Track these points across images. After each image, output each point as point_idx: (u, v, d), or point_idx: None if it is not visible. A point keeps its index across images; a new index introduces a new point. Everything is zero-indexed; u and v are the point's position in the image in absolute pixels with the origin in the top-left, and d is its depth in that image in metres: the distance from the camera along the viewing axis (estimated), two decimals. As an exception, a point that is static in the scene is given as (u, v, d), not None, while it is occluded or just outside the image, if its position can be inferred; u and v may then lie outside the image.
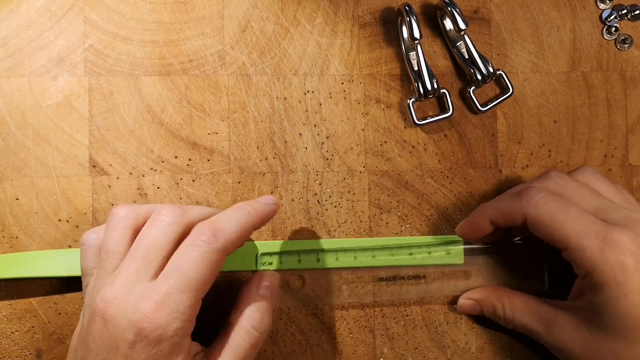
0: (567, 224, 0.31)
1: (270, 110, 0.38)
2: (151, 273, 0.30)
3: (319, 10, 0.39)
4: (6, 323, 0.36)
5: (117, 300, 0.29)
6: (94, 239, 0.33)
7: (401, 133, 0.39)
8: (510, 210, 0.33)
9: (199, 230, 0.30)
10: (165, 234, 0.30)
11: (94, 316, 0.29)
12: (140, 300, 0.28)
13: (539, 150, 0.39)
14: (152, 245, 0.30)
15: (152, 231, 0.30)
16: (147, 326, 0.28)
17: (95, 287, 0.31)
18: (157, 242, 0.30)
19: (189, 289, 0.29)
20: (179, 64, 0.38)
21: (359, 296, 0.38)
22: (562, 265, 0.36)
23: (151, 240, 0.30)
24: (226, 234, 0.30)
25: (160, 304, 0.28)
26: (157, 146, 0.38)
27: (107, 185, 0.37)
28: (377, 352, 0.38)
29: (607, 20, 0.40)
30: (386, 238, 0.38)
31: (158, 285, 0.29)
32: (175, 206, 0.31)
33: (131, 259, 0.30)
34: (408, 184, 0.39)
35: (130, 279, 0.29)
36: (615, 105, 0.40)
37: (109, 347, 0.28)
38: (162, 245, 0.30)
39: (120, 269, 0.30)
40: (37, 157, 0.37)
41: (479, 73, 0.38)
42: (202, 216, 0.32)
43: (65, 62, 0.37)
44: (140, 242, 0.30)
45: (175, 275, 0.29)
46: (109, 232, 0.31)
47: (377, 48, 0.39)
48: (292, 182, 0.38)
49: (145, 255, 0.30)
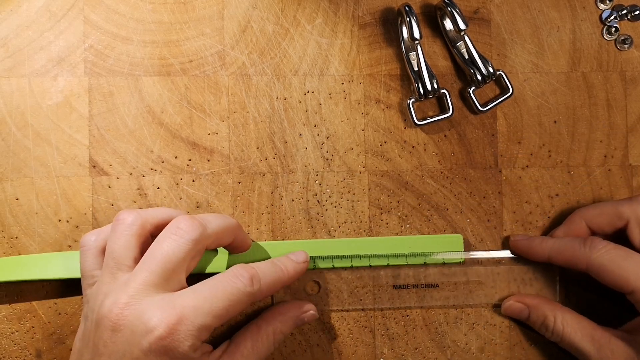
0: (629, 268, 0.32)
1: (270, 111, 0.38)
2: (169, 288, 0.30)
3: (319, 10, 0.39)
4: (6, 323, 0.36)
5: (132, 307, 0.29)
6: (94, 240, 0.33)
7: (401, 133, 0.39)
8: (573, 257, 0.34)
9: (238, 273, 0.31)
10: (186, 251, 0.30)
11: (103, 321, 0.29)
12: (161, 311, 0.28)
13: (539, 150, 0.39)
14: (170, 261, 0.30)
15: (172, 246, 0.30)
16: (166, 336, 0.28)
17: (100, 291, 0.30)
18: (176, 258, 0.30)
19: (212, 315, 0.29)
20: (179, 64, 0.38)
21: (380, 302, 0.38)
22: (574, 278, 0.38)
23: (170, 255, 0.30)
24: (262, 284, 0.32)
25: (182, 318, 0.28)
26: (157, 146, 0.38)
27: (107, 185, 0.37)
28: (377, 352, 0.38)
29: (607, 20, 0.40)
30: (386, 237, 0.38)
31: (182, 299, 0.29)
32: (193, 220, 0.31)
33: (148, 271, 0.30)
34: (408, 184, 0.39)
35: (147, 291, 0.29)
36: (615, 105, 0.40)
37: (122, 353, 0.28)
38: (180, 262, 0.30)
39: (134, 277, 0.30)
40: (37, 157, 0.37)
41: (479, 73, 0.38)
42: (218, 229, 0.32)
43: (65, 63, 0.37)
44: (157, 255, 0.30)
45: (202, 301, 0.29)
46: (115, 238, 0.31)
47: (377, 48, 0.39)
48: (292, 182, 0.38)
49: (164, 270, 0.30)
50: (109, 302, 0.29)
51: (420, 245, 0.38)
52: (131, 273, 0.30)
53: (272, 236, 0.38)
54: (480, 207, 0.39)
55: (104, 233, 0.33)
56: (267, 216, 0.38)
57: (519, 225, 0.39)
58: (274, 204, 0.38)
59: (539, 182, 0.39)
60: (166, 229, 0.31)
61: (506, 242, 0.39)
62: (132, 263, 0.31)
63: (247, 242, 0.36)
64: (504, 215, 0.39)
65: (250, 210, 0.38)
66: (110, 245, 0.31)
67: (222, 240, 0.33)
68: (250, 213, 0.38)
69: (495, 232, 0.39)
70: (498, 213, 0.39)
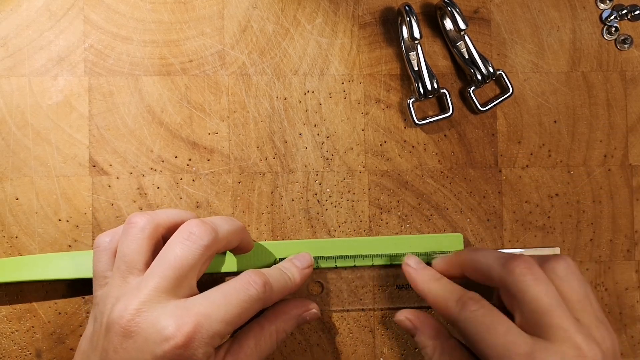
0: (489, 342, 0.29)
1: (270, 110, 0.38)
2: (181, 294, 0.30)
3: (319, 10, 0.39)
4: (6, 323, 0.36)
5: (145, 314, 0.28)
6: (109, 242, 0.32)
7: (401, 133, 0.39)
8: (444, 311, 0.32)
9: (251, 279, 0.31)
10: (198, 256, 0.30)
11: (114, 326, 0.29)
12: (175, 319, 0.28)
13: (539, 150, 0.39)
14: (183, 266, 0.30)
15: (184, 251, 0.30)
16: (182, 345, 0.28)
17: (111, 294, 0.30)
18: (188, 264, 0.30)
19: (225, 322, 0.29)
20: (179, 64, 0.38)
21: (380, 302, 0.38)
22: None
23: (182, 261, 0.30)
24: (274, 291, 0.32)
25: (197, 326, 0.28)
26: (157, 146, 0.38)
27: (107, 185, 0.37)
28: (377, 352, 0.38)
29: (607, 20, 0.40)
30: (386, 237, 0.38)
31: (196, 307, 0.29)
32: (205, 225, 0.31)
33: (160, 277, 0.29)
34: (408, 184, 0.39)
35: (159, 297, 0.29)
36: (615, 105, 0.40)
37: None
38: (192, 267, 0.30)
39: (145, 283, 0.29)
40: (37, 156, 0.37)
41: (479, 73, 0.38)
42: (229, 234, 0.32)
43: (65, 62, 0.37)
44: (170, 260, 0.30)
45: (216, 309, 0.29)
46: (127, 241, 0.31)
47: (377, 48, 0.39)
48: (292, 182, 0.38)
49: (176, 276, 0.29)
50: (119, 307, 0.29)
51: (421, 245, 0.38)
52: (142, 277, 0.30)
53: (272, 236, 0.38)
54: (480, 206, 0.39)
55: (119, 234, 0.32)
56: (267, 216, 0.38)
57: (519, 225, 0.39)
58: (274, 203, 0.38)
59: (538, 181, 0.39)
60: (178, 233, 0.31)
61: (506, 242, 0.39)
62: (144, 267, 0.30)
63: (251, 244, 0.36)
64: (503, 215, 0.39)
65: (250, 210, 0.38)
66: (121, 248, 0.31)
67: (231, 244, 0.33)
68: (250, 213, 0.38)
69: (495, 232, 0.39)
70: (498, 213, 0.39)
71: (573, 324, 0.29)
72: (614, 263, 0.39)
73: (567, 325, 0.29)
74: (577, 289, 0.31)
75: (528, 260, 0.31)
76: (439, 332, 0.34)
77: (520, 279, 0.30)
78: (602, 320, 0.30)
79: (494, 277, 0.31)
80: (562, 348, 0.28)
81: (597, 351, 0.28)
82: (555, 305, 0.29)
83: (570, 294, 0.30)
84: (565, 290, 0.30)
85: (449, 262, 0.35)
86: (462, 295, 0.31)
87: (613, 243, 0.39)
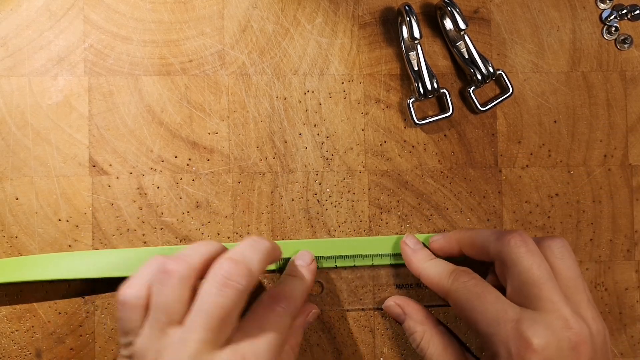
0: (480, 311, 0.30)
1: (270, 110, 0.38)
2: (223, 337, 0.29)
3: (319, 10, 0.39)
4: (6, 323, 0.36)
5: None
6: (137, 298, 0.30)
7: (401, 133, 0.39)
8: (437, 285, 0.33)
9: (273, 300, 0.32)
10: (238, 301, 0.29)
11: None
12: None
13: (539, 150, 0.39)
14: (225, 315, 0.29)
15: (225, 300, 0.29)
16: None
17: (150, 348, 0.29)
18: (230, 310, 0.29)
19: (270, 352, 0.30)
20: (179, 64, 0.38)
21: (380, 302, 0.38)
22: None
23: (224, 309, 0.29)
24: (295, 298, 0.33)
25: None
26: (157, 146, 0.38)
27: (107, 185, 0.37)
28: (377, 352, 0.38)
29: (607, 20, 0.40)
30: (386, 237, 0.38)
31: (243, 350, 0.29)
32: (240, 267, 0.30)
33: (205, 328, 0.28)
34: (408, 184, 0.39)
35: (206, 348, 0.28)
36: (615, 105, 0.40)
37: None
38: (234, 312, 0.29)
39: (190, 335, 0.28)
40: (37, 156, 0.37)
41: (479, 73, 0.38)
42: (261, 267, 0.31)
43: (65, 62, 0.37)
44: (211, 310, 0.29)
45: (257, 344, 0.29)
46: (166, 291, 0.29)
47: (377, 48, 0.39)
48: (292, 181, 0.38)
49: (219, 325, 0.29)
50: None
51: None
52: (183, 329, 0.29)
53: (272, 236, 0.38)
54: (480, 206, 0.39)
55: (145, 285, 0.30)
56: (267, 216, 0.38)
57: (519, 225, 0.39)
58: (273, 203, 0.38)
59: (538, 181, 0.39)
60: (213, 279, 0.29)
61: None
62: (183, 317, 0.29)
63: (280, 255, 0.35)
64: (503, 215, 0.39)
65: (250, 210, 0.38)
66: (159, 299, 0.29)
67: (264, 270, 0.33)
68: (250, 213, 0.38)
69: (495, 232, 0.39)
70: (498, 213, 0.39)
71: (562, 298, 0.30)
72: (613, 263, 0.39)
73: (557, 298, 0.29)
74: (571, 267, 0.31)
75: (523, 234, 0.32)
76: (427, 318, 0.35)
77: (514, 250, 0.31)
78: (593, 305, 0.31)
79: (490, 250, 0.32)
80: (550, 318, 0.29)
81: (585, 327, 0.29)
82: (546, 278, 0.30)
83: (565, 272, 0.31)
84: (559, 267, 0.31)
85: (447, 239, 0.36)
86: (455, 269, 0.33)
87: (613, 243, 0.39)
